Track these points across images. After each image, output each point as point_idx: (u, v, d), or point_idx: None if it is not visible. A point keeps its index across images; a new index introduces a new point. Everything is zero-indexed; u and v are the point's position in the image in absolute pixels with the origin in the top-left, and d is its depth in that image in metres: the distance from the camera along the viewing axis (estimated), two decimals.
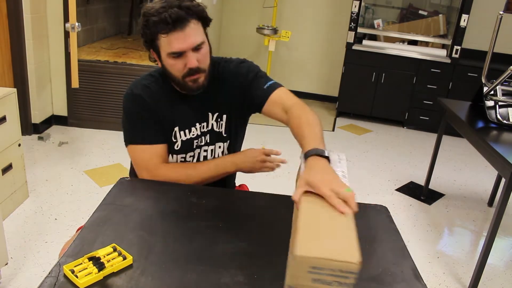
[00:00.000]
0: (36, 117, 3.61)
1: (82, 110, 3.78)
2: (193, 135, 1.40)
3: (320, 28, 5.19)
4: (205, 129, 1.42)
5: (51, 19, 3.55)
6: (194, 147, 1.42)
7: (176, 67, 1.28)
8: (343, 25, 5.01)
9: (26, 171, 2.69)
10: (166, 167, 1.36)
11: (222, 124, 1.43)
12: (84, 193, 2.82)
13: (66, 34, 3.50)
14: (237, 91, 1.40)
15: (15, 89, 2.46)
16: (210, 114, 1.41)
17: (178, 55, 1.26)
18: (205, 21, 1.30)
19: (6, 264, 2.06)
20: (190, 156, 1.43)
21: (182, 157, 1.41)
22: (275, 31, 4.70)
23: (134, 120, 1.34)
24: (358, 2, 4.48)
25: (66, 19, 3.35)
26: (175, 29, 1.22)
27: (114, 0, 4.71)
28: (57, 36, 3.60)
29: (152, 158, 1.34)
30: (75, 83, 3.16)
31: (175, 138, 1.39)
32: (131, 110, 1.34)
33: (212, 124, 1.42)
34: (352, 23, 4.54)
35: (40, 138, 3.53)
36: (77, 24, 3.01)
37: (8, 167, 2.45)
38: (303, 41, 5.26)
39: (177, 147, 1.39)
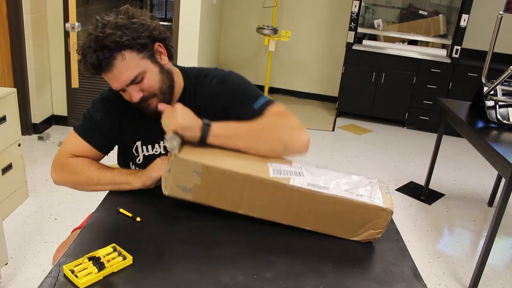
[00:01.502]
0: (36, 117, 3.61)
1: (82, 110, 3.78)
2: (156, 151, 1.33)
3: (320, 28, 5.19)
4: None
5: (51, 19, 3.55)
6: None
7: (125, 98, 1.23)
8: (343, 25, 5.01)
9: (26, 171, 2.69)
10: (76, 158, 1.28)
11: None
12: (84, 193, 2.81)
13: (66, 34, 3.50)
14: (218, 110, 1.26)
15: (15, 89, 2.46)
16: None
17: (121, 90, 1.19)
18: (141, 47, 1.15)
19: (6, 264, 2.06)
20: None
21: None
22: (275, 31, 4.70)
23: (89, 119, 1.31)
24: (358, 2, 4.48)
25: (66, 19, 3.35)
26: (102, 72, 1.15)
27: (114, 0, 4.71)
28: (57, 36, 3.60)
29: (75, 148, 1.29)
30: (75, 83, 3.15)
31: (137, 152, 1.33)
32: (91, 113, 1.31)
33: None
34: (352, 23, 4.54)
35: (40, 138, 3.53)
36: (77, 24, 3.01)
37: (8, 167, 2.45)
38: (303, 41, 5.25)
39: (139, 161, 1.34)
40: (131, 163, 1.37)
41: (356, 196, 1.11)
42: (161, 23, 1.25)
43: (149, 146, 1.33)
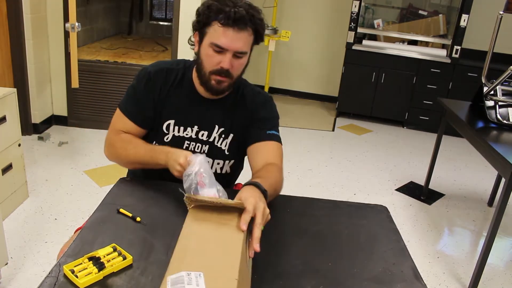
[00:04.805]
0: (36, 117, 3.61)
1: (82, 110, 3.78)
2: (186, 134, 1.41)
3: (320, 28, 5.19)
4: (204, 138, 1.41)
5: (51, 19, 3.55)
6: (184, 147, 1.41)
7: (210, 59, 1.30)
8: (343, 25, 5.00)
9: (26, 171, 2.69)
10: (121, 135, 1.41)
11: (226, 142, 1.42)
12: (84, 193, 2.82)
13: (66, 34, 3.50)
14: (248, 120, 1.41)
15: (15, 89, 2.46)
16: (216, 127, 1.41)
17: (220, 50, 1.27)
18: (258, 38, 1.33)
19: (6, 264, 2.06)
20: None
21: None
22: (275, 31, 4.70)
23: (132, 93, 1.41)
24: (358, 2, 4.48)
25: (66, 19, 3.35)
26: (232, 27, 1.25)
27: (114, 0, 4.71)
28: (57, 36, 3.60)
29: (120, 126, 1.42)
30: (75, 83, 3.16)
31: (168, 129, 1.40)
32: (136, 85, 1.41)
33: (215, 138, 1.41)
34: (352, 23, 4.54)
35: (40, 138, 3.53)
36: (77, 24, 3.01)
37: (8, 167, 2.45)
38: (303, 41, 5.25)
39: (167, 139, 1.41)
40: (154, 142, 1.43)
41: None
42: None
43: (181, 128, 1.41)
